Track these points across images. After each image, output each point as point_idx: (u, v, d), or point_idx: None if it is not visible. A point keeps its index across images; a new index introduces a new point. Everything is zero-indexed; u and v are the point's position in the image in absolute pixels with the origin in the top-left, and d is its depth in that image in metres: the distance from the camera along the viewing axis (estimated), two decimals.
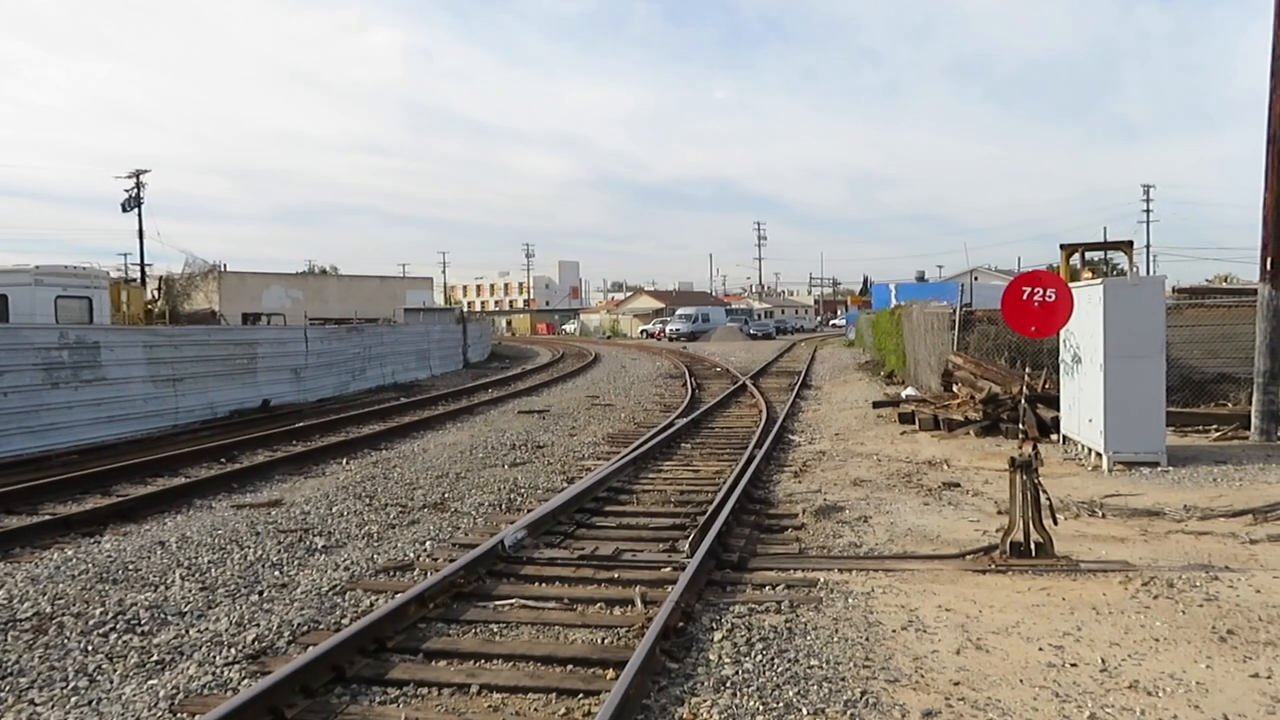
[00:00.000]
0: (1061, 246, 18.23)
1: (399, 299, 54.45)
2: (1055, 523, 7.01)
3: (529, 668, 5.17)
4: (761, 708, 4.52)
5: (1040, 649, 5.20)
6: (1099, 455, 10.93)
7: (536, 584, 6.80)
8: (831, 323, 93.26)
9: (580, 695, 4.77)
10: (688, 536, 7.69)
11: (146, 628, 5.98)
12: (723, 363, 34.59)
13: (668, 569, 6.96)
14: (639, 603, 6.18)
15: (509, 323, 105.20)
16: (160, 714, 4.65)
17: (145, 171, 47.49)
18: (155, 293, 40.04)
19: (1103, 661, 4.98)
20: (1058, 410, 12.60)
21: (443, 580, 6.38)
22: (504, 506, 9.70)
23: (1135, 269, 18.10)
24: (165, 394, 17.68)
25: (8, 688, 5.01)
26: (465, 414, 19.09)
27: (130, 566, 7.44)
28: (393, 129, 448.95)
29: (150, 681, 5.07)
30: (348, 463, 12.97)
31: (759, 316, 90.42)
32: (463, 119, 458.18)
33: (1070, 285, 9.20)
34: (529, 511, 8.91)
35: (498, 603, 6.36)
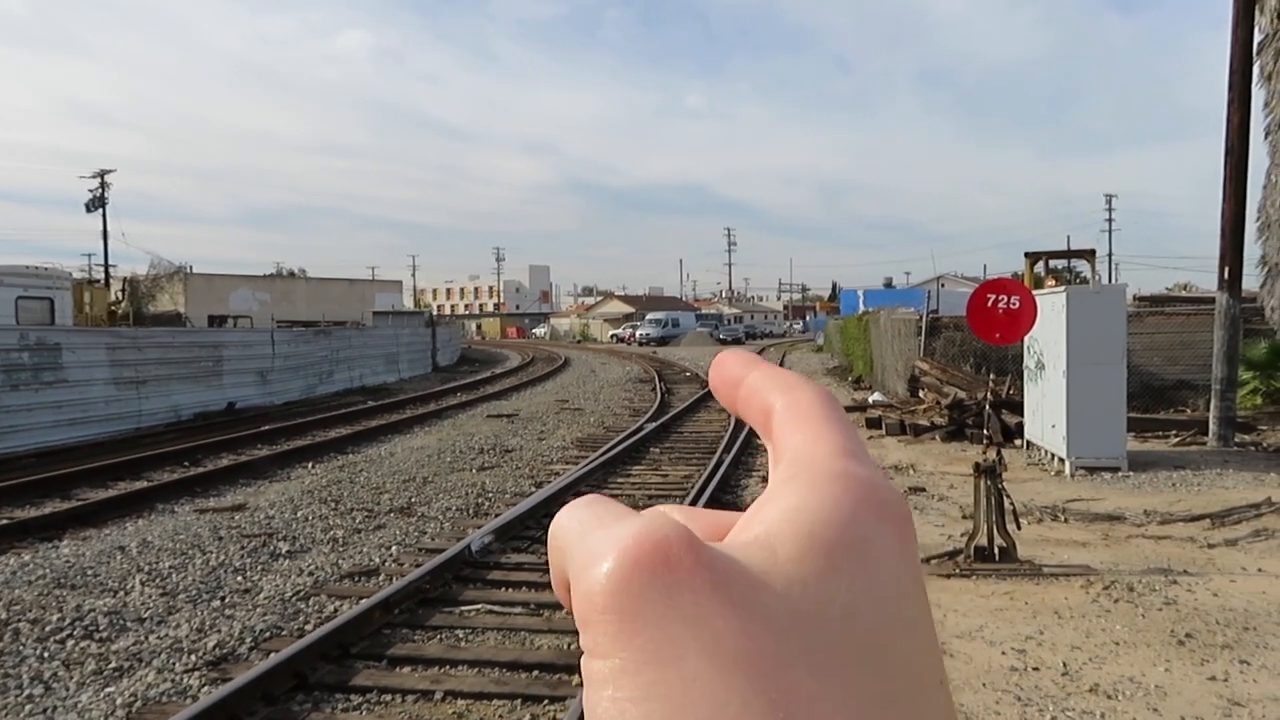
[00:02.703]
0: (1026, 254, 18.42)
1: (368, 302, 53.98)
2: (1019, 527, 7.09)
3: (494, 674, 5.14)
4: None
5: (1003, 653, 5.25)
6: (1062, 460, 11.06)
7: (503, 589, 6.77)
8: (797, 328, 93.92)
9: (545, 701, 4.75)
10: None
11: (105, 634, 5.89)
12: (692, 367, 34.65)
13: None
14: None
15: (479, 326, 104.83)
16: None
17: (110, 171, 46.93)
18: (119, 294, 39.47)
19: (1064, 665, 5.04)
20: (1022, 416, 12.75)
21: (408, 585, 6.34)
22: (471, 511, 9.65)
23: (1097, 277, 18.36)
24: (128, 396, 17.42)
25: None
26: (434, 418, 18.97)
27: (89, 571, 7.32)
28: (362, 131, 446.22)
29: (107, 689, 4.99)
30: (313, 467, 12.84)
31: (729, 322, 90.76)
32: (433, 122, 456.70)
33: (1034, 293, 9.32)
34: (497, 516, 8.87)
35: (464, 608, 6.32)
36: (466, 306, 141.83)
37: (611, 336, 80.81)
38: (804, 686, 0.26)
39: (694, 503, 8.76)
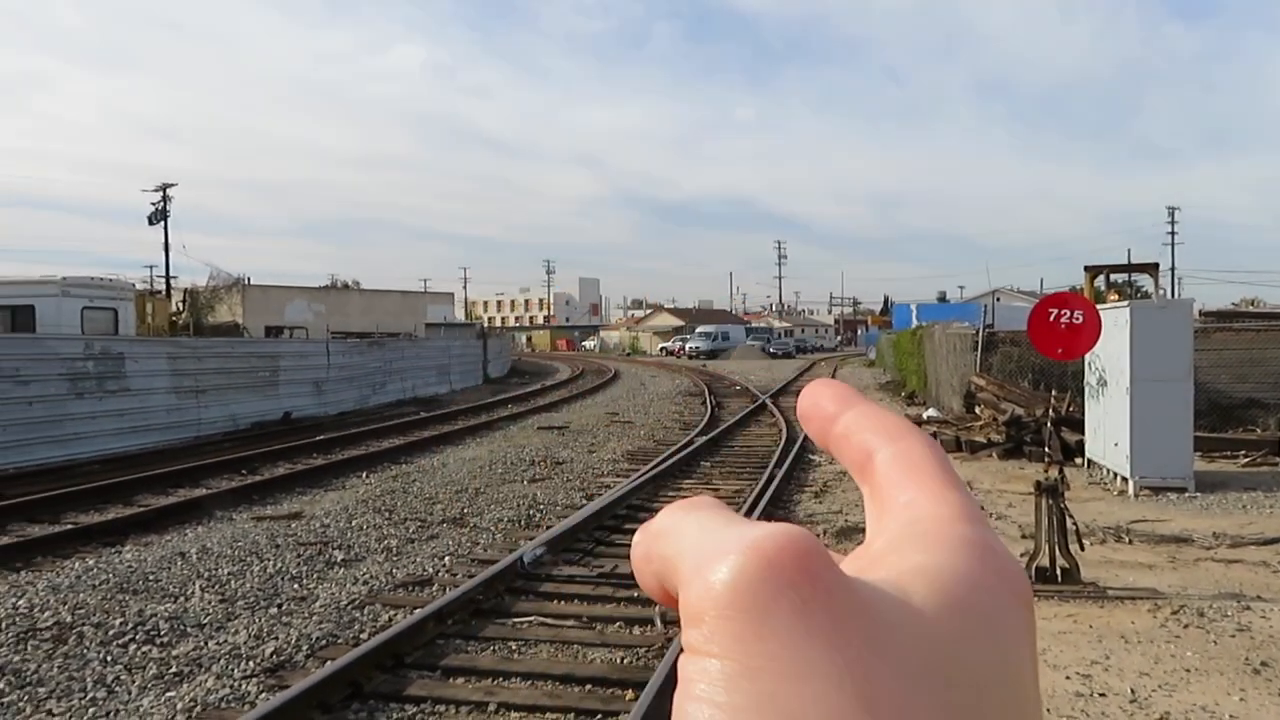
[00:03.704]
0: (1086, 268, 18.08)
1: (420, 314, 54.65)
2: (1082, 548, 6.91)
3: (547, 686, 5.12)
4: None
5: (1067, 678, 5.10)
6: (1125, 480, 10.78)
7: (555, 601, 6.75)
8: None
9: (599, 716, 4.72)
10: None
11: (166, 639, 5.98)
12: (742, 381, 34.49)
13: None
14: (659, 622, 6.12)
15: (529, 339, 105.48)
16: None
17: (172, 185, 48.05)
18: (180, 305, 40.39)
19: (1132, 692, 4.88)
20: (1082, 433, 12.46)
21: (461, 596, 6.35)
22: (523, 523, 9.67)
23: (1161, 291, 17.92)
24: (188, 405, 17.79)
25: (27, 697, 5.01)
26: (485, 429, 19.10)
27: (150, 577, 7.46)
28: (415, 144, 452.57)
29: (168, 693, 5.06)
30: (367, 476, 12.98)
31: (779, 335, 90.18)
32: (485, 135, 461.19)
33: (1097, 307, 9.11)
34: (548, 528, 8.87)
35: (516, 620, 6.32)
36: (517, 319, 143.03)
37: (661, 349, 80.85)
38: None
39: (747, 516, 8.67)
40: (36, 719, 4.74)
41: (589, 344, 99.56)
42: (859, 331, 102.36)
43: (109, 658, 5.63)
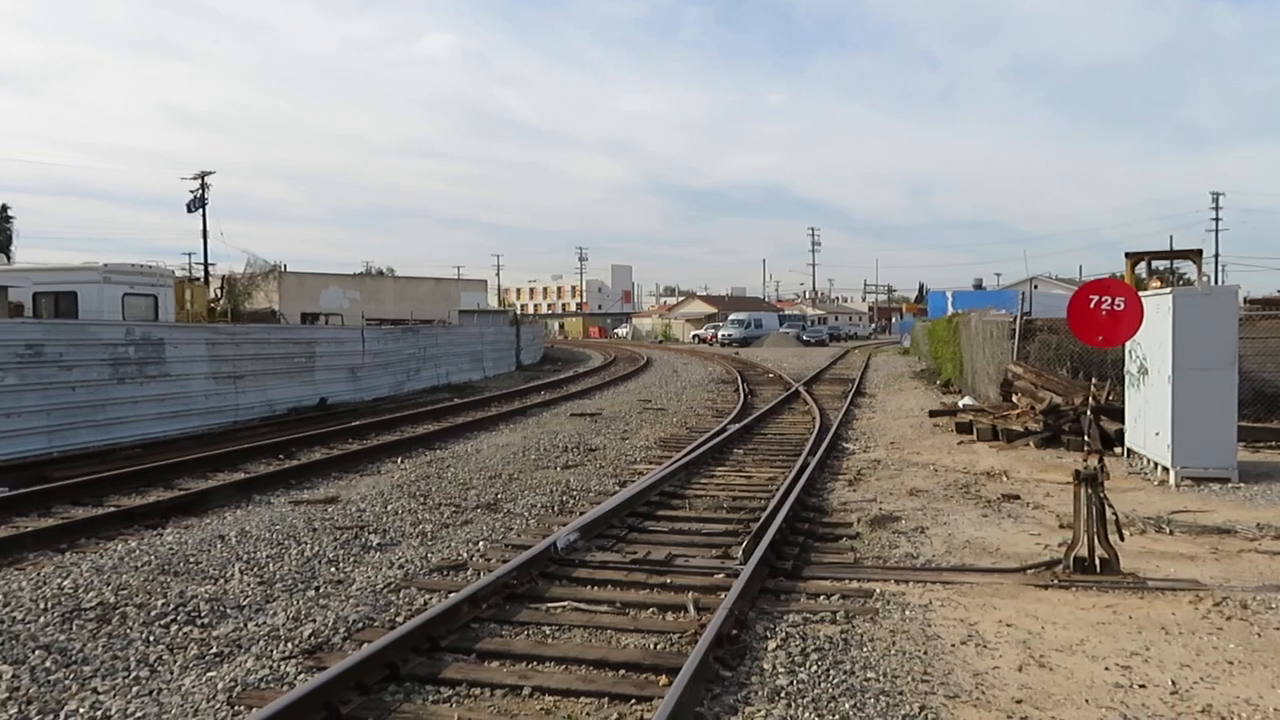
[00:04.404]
0: (1127, 255, 17.72)
1: (453, 301, 54.94)
2: (1121, 538, 6.81)
3: (581, 671, 5.14)
4: None
5: (1106, 669, 5.04)
6: (1165, 470, 10.62)
7: (589, 587, 6.77)
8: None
9: (633, 700, 4.72)
10: (741, 543, 7.62)
11: (206, 620, 6.07)
12: (775, 369, 34.36)
13: (721, 575, 6.89)
14: (692, 609, 6.12)
15: (561, 326, 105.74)
16: (218, 706, 4.71)
17: (210, 173, 48.65)
18: (218, 291, 40.89)
19: (1173, 684, 4.81)
20: (1121, 423, 12.28)
21: (496, 581, 6.38)
22: (556, 509, 9.71)
23: (1204, 278, 17.56)
24: (226, 390, 18.03)
25: (72, 675, 5.11)
26: (518, 415, 19.18)
27: (191, 559, 7.57)
28: (448, 132, 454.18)
29: (209, 673, 5.14)
30: (402, 462, 13.09)
31: (812, 323, 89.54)
32: (517, 123, 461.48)
33: (1139, 294, 8.95)
34: (581, 514, 8.90)
35: (550, 605, 6.34)
36: (550, 306, 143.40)
37: (693, 337, 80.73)
38: None
39: (779, 505, 8.64)
40: (82, 696, 4.84)
41: (621, 331, 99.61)
42: (893, 319, 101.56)
43: (151, 638, 5.73)
